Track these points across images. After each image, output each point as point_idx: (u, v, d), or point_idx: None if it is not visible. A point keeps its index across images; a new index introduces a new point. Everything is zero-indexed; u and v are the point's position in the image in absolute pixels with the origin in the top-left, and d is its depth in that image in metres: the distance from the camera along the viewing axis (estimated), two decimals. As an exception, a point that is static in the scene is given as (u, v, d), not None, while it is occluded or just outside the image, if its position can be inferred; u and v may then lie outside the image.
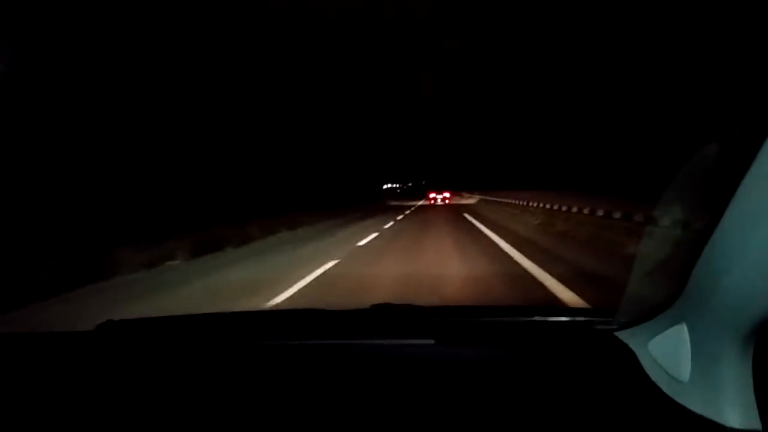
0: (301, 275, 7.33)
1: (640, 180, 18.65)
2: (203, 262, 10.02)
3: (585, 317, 1.49)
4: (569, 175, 34.49)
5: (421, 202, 51.09)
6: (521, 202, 25.83)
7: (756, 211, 0.72)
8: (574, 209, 16.38)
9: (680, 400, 0.93)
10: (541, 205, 21.71)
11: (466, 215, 22.73)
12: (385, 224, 18.46)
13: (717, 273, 0.82)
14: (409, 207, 38.60)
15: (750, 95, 0.76)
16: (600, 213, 14.35)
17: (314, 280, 7.13)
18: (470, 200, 51.45)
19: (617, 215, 12.80)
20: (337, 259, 9.20)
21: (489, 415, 1.07)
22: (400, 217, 23.40)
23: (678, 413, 0.92)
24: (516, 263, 7.97)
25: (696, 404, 0.89)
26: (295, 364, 1.41)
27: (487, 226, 15.67)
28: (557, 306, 4.82)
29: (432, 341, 1.45)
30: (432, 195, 55.26)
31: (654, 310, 1.10)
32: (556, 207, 19.05)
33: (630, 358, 1.16)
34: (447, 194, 55.66)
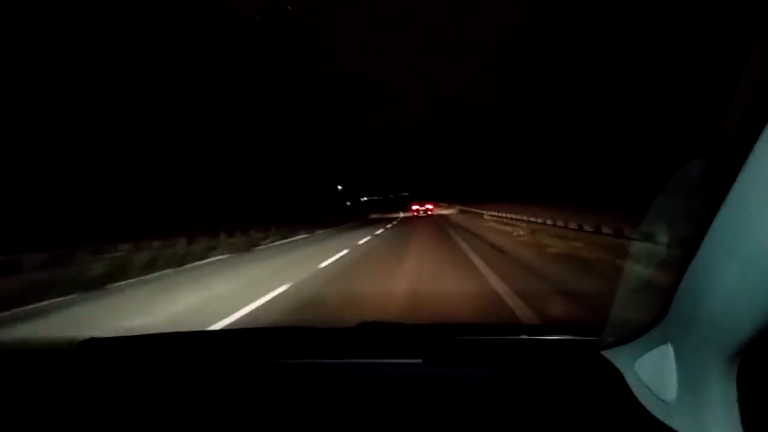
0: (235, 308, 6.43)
1: (622, 193, 18.87)
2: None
3: (572, 336, 1.49)
4: (551, 189, 34.77)
5: (402, 214, 52.17)
6: (492, 213, 28.19)
7: (739, 230, 0.71)
8: (549, 222, 16.51)
9: (667, 420, 0.93)
10: (500, 214, 24.91)
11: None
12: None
13: (701, 292, 0.81)
14: (391, 220, 37.81)
15: (732, 112, 0.74)
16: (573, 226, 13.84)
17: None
18: (450, 210, 53.91)
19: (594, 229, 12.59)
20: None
21: None
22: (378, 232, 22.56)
23: None
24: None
25: (682, 424, 0.89)
26: (280, 383, 1.39)
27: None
28: (544, 324, 4.76)
29: (419, 360, 1.44)
30: (415, 207, 56.21)
31: (640, 330, 1.09)
32: (516, 217, 21.18)
33: (616, 377, 1.15)
34: (430, 206, 57.02)
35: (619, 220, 10.92)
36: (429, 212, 52.72)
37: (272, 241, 20.59)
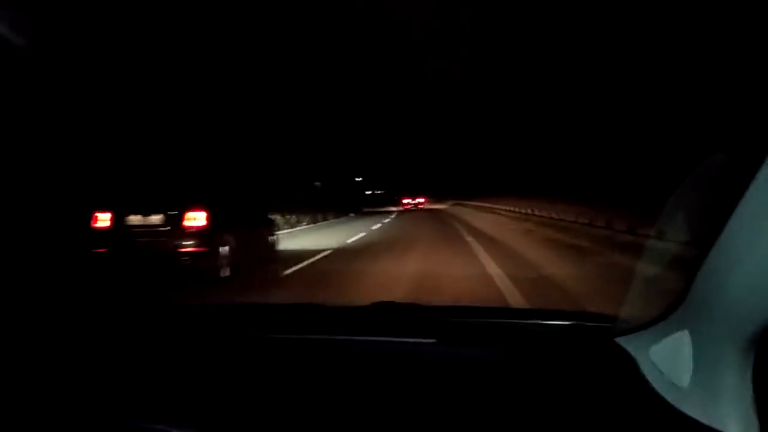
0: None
1: (621, 188, 18.74)
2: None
3: (586, 322, 1.50)
4: (553, 183, 33.79)
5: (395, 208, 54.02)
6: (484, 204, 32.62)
7: (760, 218, 0.74)
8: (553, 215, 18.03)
9: (679, 406, 0.95)
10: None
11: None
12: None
13: (720, 280, 0.83)
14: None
15: (755, 100, 0.85)
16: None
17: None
18: (443, 205, 54.97)
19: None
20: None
21: (488, 415, 1.09)
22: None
23: (677, 420, 0.93)
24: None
25: (695, 411, 0.91)
26: (296, 358, 1.42)
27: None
28: (560, 309, 4.36)
29: (434, 340, 1.45)
30: (406, 201, 56.73)
31: (655, 318, 1.11)
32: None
33: (630, 364, 1.17)
34: (422, 199, 57.46)
35: (616, 215, 11.69)
36: (420, 206, 53.61)
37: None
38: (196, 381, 1.27)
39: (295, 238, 16.50)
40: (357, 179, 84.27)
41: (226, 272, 7.96)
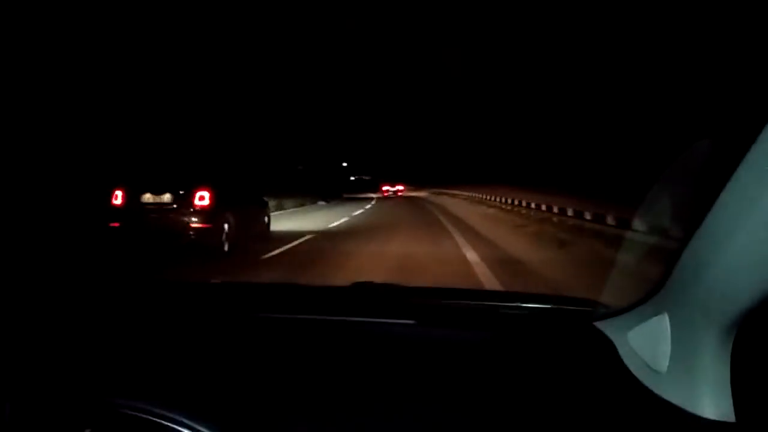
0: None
1: (606, 177, 18.70)
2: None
3: (566, 305, 1.47)
4: (537, 173, 32.12)
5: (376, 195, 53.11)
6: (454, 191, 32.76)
7: (742, 205, 0.71)
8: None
9: (657, 390, 0.91)
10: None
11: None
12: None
13: (701, 265, 0.80)
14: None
15: (741, 88, 0.79)
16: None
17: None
18: (422, 193, 54.88)
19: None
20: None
21: (466, 397, 1.05)
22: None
23: (655, 404, 0.90)
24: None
25: (673, 395, 0.87)
26: (274, 338, 1.36)
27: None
28: (540, 293, 4.65)
29: (413, 321, 1.41)
30: (385, 188, 56.30)
31: (635, 302, 1.08)
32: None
33: (608, 347, 1.13)
34: (400, 186, 57.48)
35: (586, 204, 12.07)
36: (399, 193, 53.56)
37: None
38: (173, 358, 1.23)
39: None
40: (343, 164, 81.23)
41: (225, 247, 8.66)
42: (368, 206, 30.29)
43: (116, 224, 8.42)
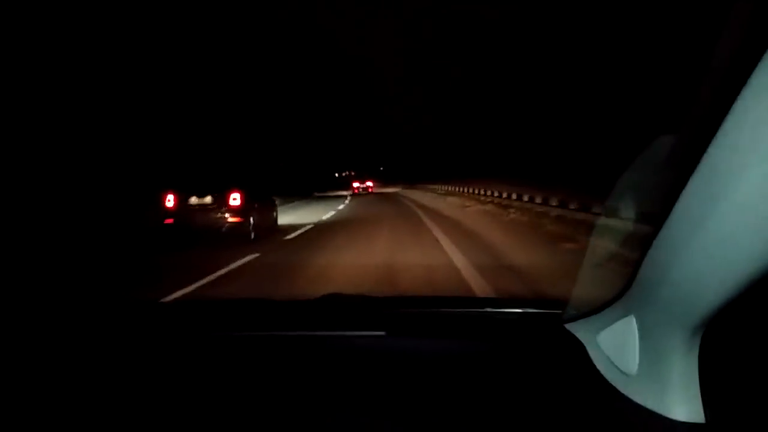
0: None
1: (572, 170, 18.17)
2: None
3: (536, 309, 1.38)
4: (509, 165, 30.65)
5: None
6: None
7: (705, 204, 0.64)
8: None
9: (627, 392, 0.84)
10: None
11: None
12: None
13: (665, 265, 0.73)
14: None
15: (701, 87, 0.75)
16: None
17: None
18: (393, 189, 54.46)
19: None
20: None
21: (437, 406, 0.98)
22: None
23: (625, 406, 0.83)
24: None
25: (643, 397, 0.81)
26: (243, 356, 1.24)
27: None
28: (510, 297, 4.76)
29: (383, 333, 1.31)
30: (356, 184, 54.69)
31: (604, 303, 0.99)
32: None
33: (579, 350, 1.05)
34: (370, 183, 55.62)
35: (558, 194, 12.94)
36: (369, 189, 52.60)
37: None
38: (143, 384, 1.12)
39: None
40: (324, 161, 78.93)
41: (252, 236, 10.46)
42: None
43: (170, 221, 10.29)
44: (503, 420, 0.93)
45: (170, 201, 10.64)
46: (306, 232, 12.86)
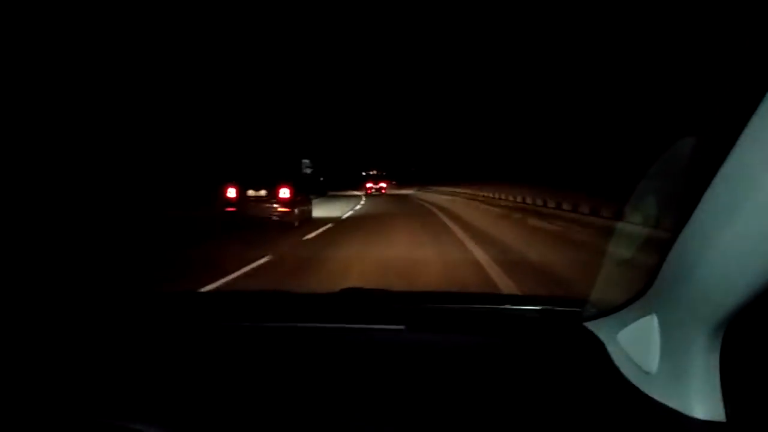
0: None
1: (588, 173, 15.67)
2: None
3: (555, 306, 1.32)
4: (526, 170, 27.13)
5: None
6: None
7: (729, 203, 0.62)
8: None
9: (647, 390, 0.80)
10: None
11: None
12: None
13: (689, 264, 0.70)
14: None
15: (725, 87, 0.72)
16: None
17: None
18: (409, 191, 50.56)
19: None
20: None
21: (457, 401, 0.94)
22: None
23: (644, 404, 0.79)
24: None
25: (663, 395, 0.77)
26: (263, 346, 1.22)
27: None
28: (532, 295, 4.64)
29: (402, 327, 1.27)
30: (369, 185, 54.10)
31: (624, 302, 0.95)
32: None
33: (598, 348, 1.00)
34: (383, 184, 54.16)
35: (576, 198, 11.85)
36: (383, 191, 51.46)
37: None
38: (164, 373, 1.08)
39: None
40: (348, 160, 73.37)
41: (296, 224, 11.47)
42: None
43: (232, 209, 11.42)
44: (522, 417, 0.87)
45: (232, 192, 11.83)
46: (343, 221, 14.73)
